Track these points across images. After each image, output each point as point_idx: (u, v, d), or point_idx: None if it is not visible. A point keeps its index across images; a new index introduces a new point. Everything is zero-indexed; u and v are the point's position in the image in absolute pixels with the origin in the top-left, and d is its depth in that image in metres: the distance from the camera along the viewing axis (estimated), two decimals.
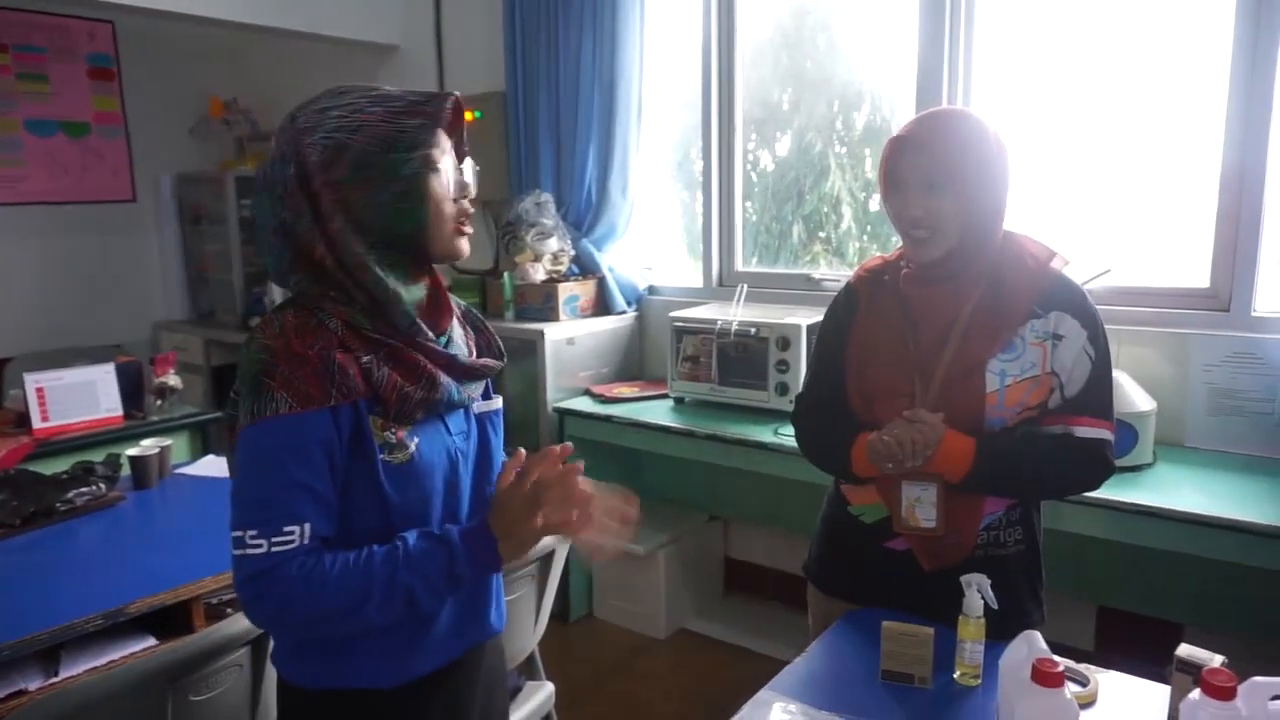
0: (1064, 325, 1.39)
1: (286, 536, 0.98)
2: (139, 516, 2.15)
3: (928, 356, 1.43)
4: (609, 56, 3.13)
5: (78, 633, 1.57)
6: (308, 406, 0.99)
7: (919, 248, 1.40)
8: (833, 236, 3.16)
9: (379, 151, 1.03)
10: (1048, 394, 1.41)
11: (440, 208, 1.07)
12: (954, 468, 1.37)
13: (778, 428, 2.60)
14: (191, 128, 5.01)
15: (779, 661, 2.89)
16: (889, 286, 1.50)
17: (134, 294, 4.90)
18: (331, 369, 1.02)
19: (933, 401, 1.40)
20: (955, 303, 1.42)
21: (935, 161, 1.36)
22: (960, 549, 1.44)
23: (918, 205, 1.37)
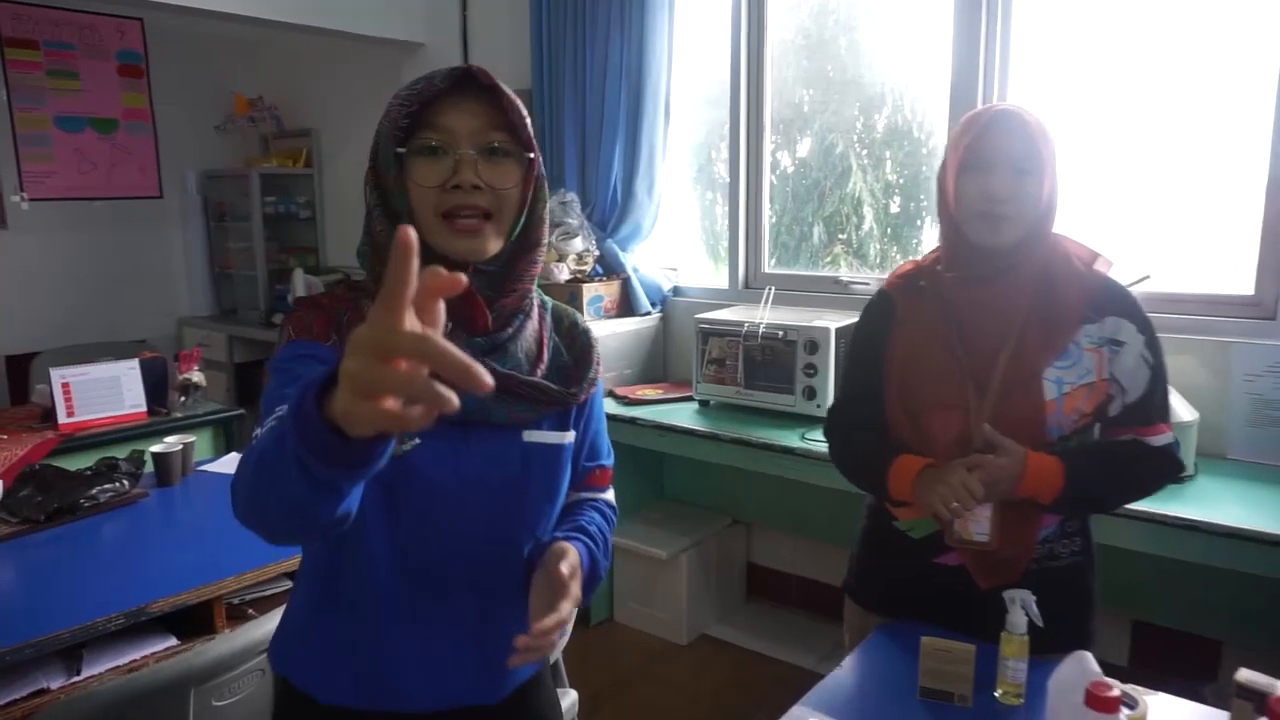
0: (1122, 331, 1.35)
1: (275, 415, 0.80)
2: (162, 514, 2.13)
3: (980, 365, 1.37)
4: (636, 55, 3.09)
5: (99, 632, 1.56)
6: (305, 335, 0.99)
7: (997, 227, 1.32)
8: (854, 238, 3.12)
9: (386, 136, 0.99)
10: (1102, 400, 1.36)
11: (420, 197, 0.98)
12: (1045, 490, 1.31)
13: (805, 432, 2.55)
14: (217, 125, 5.04)
15: (801, 669, 2.89)
16: (928, 292, 1.44)
17: (159, 290, 4.92)
18: (340, 318, 1.00)
19: (988, 413, 1.35)
20: (1007, 306, 1.36)
21: (1027, 145, 1.31)
22: (1017, 564, 1.38)
23: (1005, 186, 1.31)
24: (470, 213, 0.98)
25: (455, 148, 0.98)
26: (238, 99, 4.95)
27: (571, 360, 1.12)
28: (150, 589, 1.67)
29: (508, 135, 1.00)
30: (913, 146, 2.97)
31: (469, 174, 0.97)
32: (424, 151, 0.98)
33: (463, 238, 0.99)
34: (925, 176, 2.94)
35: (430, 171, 0.98)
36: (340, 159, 4.77)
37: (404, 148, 0.98)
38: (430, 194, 0.98)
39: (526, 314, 1.08)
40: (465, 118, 0.98)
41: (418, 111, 0.98)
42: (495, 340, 1.03)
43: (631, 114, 3.15)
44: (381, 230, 1.01)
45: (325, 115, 4.81)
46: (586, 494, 1.20)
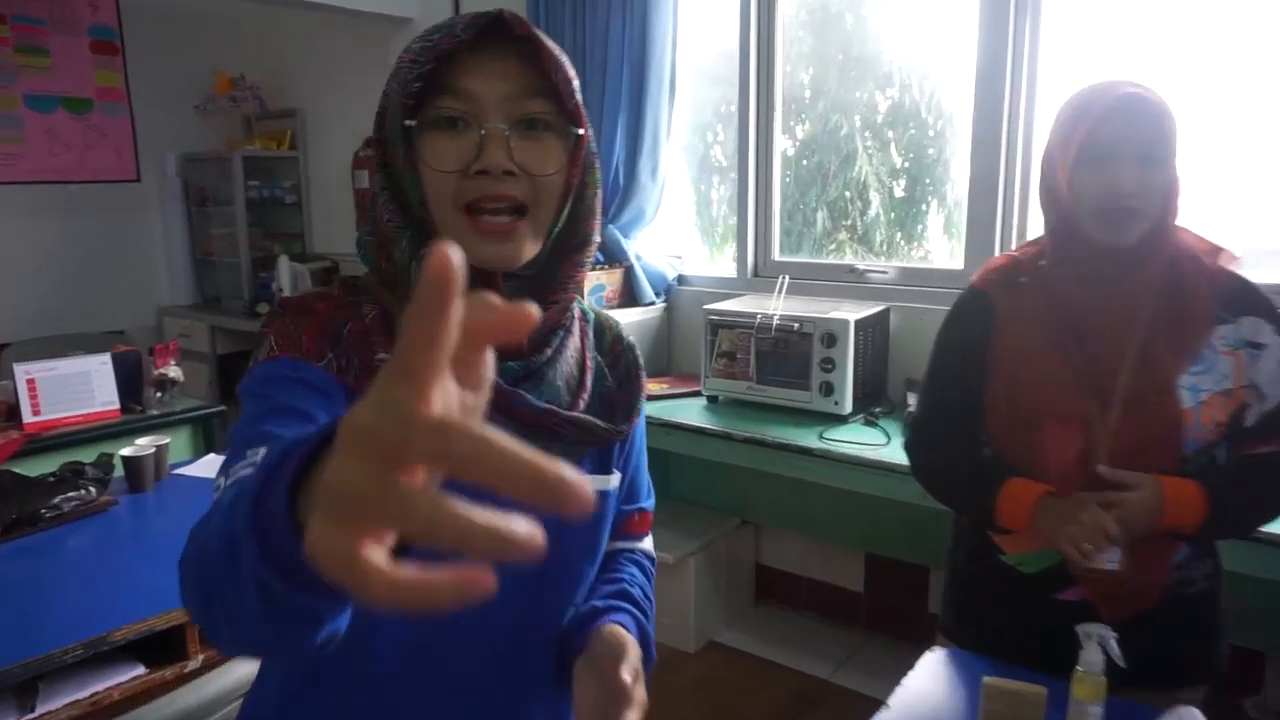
0: (1262, 333, 1.20)
1: (246, 461, 0.64)
2: (132, 523, 1.97)
3: (1101, 374, 1.21)
4: (639, 28, 2.91)
5: (55, 665, 1.40)
6: (290, 352, 0.77)
7: (1123, 224, 1.17)
8: (859, 224, 2.96)
9: (396, 102, 0.77)
10: (1237, 409, 1.21)
11: (433, 183, 0.76)
12: (1188, 521, 1.17)
13: (823, 431, 2.40)
14: (197, 105, 4.83)
15: (813, 678, 2.76)
16: (1032, 290, 1.28)
17: (137, 278, 4.72)
18: (338, 332, 0.79)
19: (1114, 426, 1.20)
20: (1131, 308, 1.20)
21: (1154, 131, 1.15)
22: (1150, 593, 1.24)
23: (1132, 180, 1.15)
24: (500, 205, 0.76)
25: (482, 120, 0.75)
26: (219, 78, 4.74)
27: (615, 384, 0.92)
28: (115, 612, 1.51)
29: (549, 104, 0.77)
30: (920, 128, 2.81)
31: (499, 155, 0.75)
32: (440, 124, 0.76)
33: (490, 241, 0.76)
34: (932, 159, 2.79)
35: (448, 151, 0.76)
36: (326, 141, 4.57)
37: (414, 119, 0.76)
38: (448, 180, 0.75)
39: (568, 330, 0.87)
40: (494, 80, 0.75)
41: (433, 71, 0.75)
42: (531, 366, 0.82)
43: (634, 92, 2.97)
44: (391, 221, 0.80)
45: (311, 95, 4.61)
46: (623, 543, 1.00)
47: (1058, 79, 2.44)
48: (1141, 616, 1.22)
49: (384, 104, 0.80)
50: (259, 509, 0.44)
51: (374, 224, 0.83)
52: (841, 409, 2.46)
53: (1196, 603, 1.27)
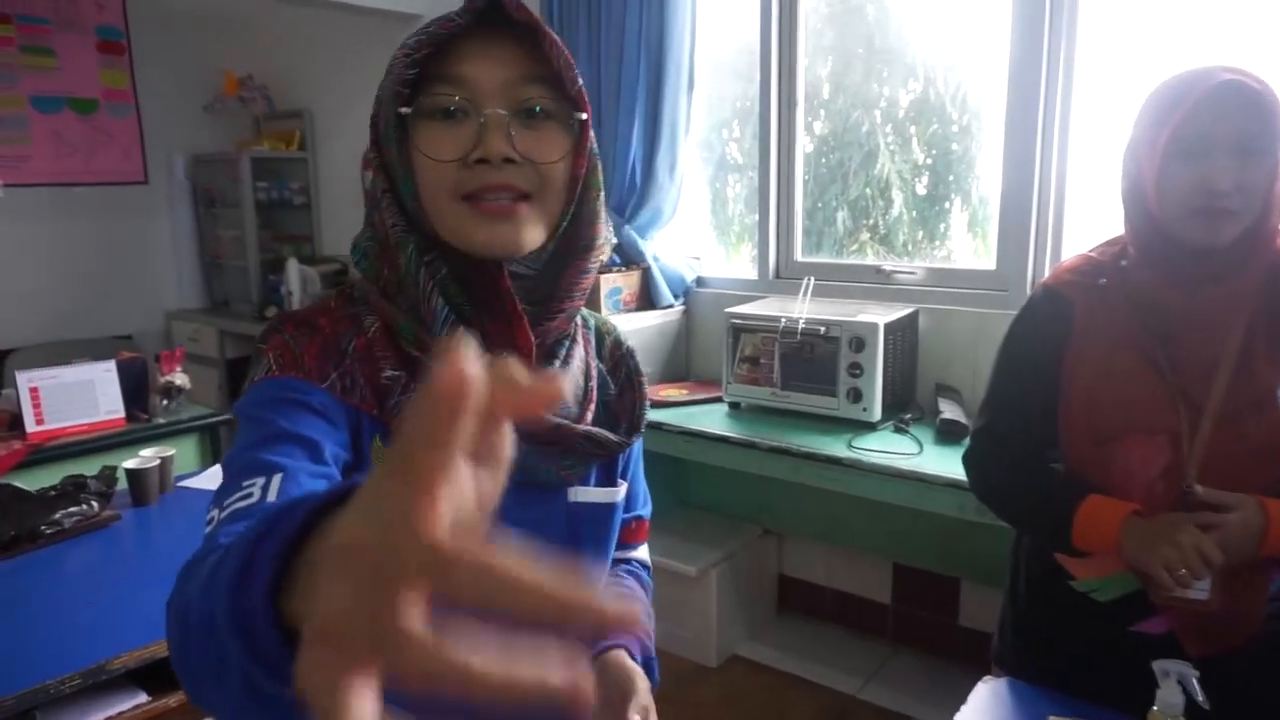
0: None
1: (242, 493, 0.62)
2: (135, 540, 1.89)
3: (1192, 383, 1.13)
4: (657, 20, 2.82)
5: (51, 695, 1.32)
6: (291, 372, 0.72)
7: (1216, 224, 1.07)
8: (881, 224, 2.86)
9: (390, 96, 0.74)
10: None
11: (428, 173, 0.73)
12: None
13: (852, 439, 2.31)
14: (205, 105, 4.76)
15: (844, 695, 2.66)
16: (1114, 292, 1.18)
17: (145, 281, 4.66)
18: (343, 347, 0.75)
19: (1206, 440, 1.11)
20: (1228, 314, 1.11)
21: (1255, 122, 1.05)
22: (1243, 626, 1.14)
23: (1228, 177, 1.05)
24: (502, 195, 0.73)
25: (480, 106, 0.72)
26: (227, 78, 4.66)
27: (616, 391, 0.90)
28: (116, 637, 1.44)
29: (549, 90, 0.74)
30: (944, 123, 2.71)
31: (500, 142, 0.71)
32: (436, 114, 0.72)
33: (492, 222, 0.73)
34: (956, 156, 2.69)
35: (446, 140, 0.72)
36: (336, 142, 4.49)
37: (409, 107, 0.72)
38: (446, 171, 0.72)
39: (574, 340, 0.84)
40: (492, 66, 0.72)
41: (428, 58, 0.71)
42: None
43: (651, 87, 2.88)
44: (395, 226, 0.75)
45: (319, 95, 4.53)
46: (618, 552, 0.97)
47: (1095, 72, 2.33)
48: (1231, 653, 1.12)
49: (378, 103, 0.76)
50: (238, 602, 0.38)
51: (374, 229, 0.79)
52: (870, 416, 2.37)
53: None
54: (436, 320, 0.74)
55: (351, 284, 0.83)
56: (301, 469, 0.65)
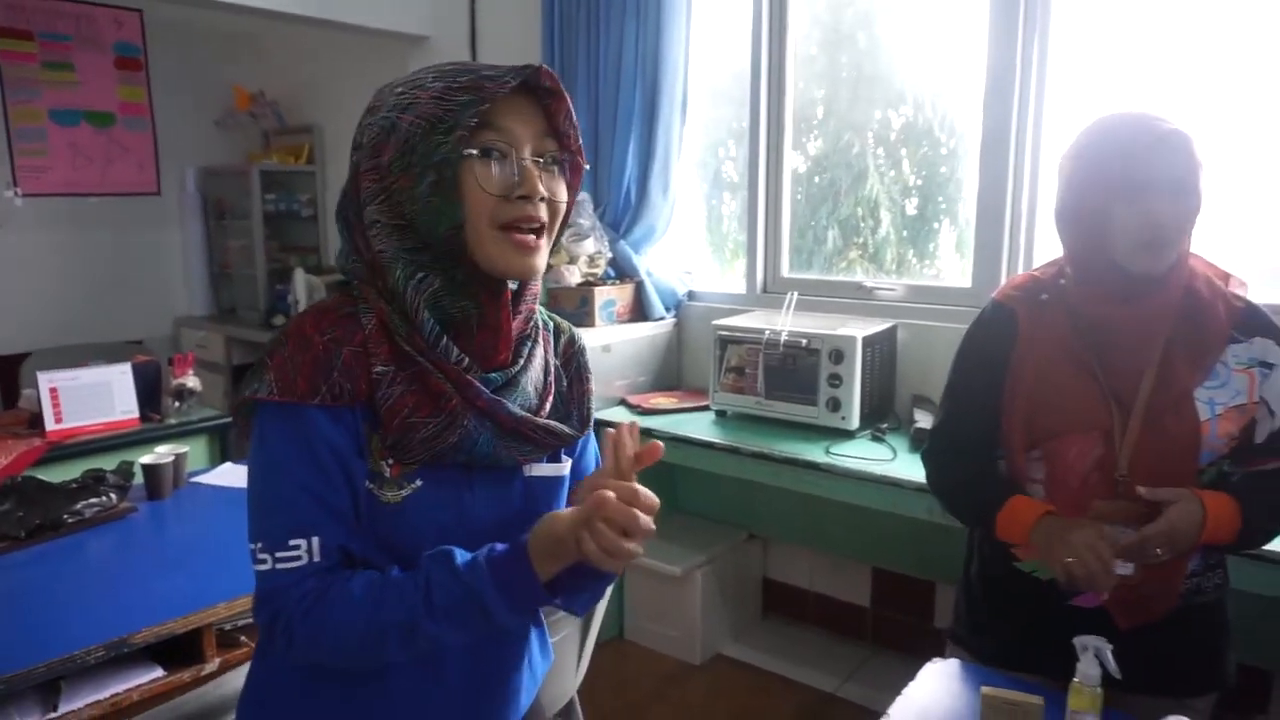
0: (1271, 353, 1.26)
1: (292, 553, 0.87)
2: (150, 530, 2.01)
3: (1122, 386, 1.26)
4: (653, 48, 2.97)
5: (78, 666, 1.44)
6: (288, 397, 0.87)
7: (1156, 253, 1.22)
8: (870, 242, 2.99)
9: (423, 133, 0.87)
10: (1248, 424, 1.26)
11: (478, 204, 0.88)
12: (1224, 534, 1.22)
13: (830, 446, 2.43)
14: (217, 120, 4.92)
15: (821, 693, 2.77)
16: (1054, 306, 1.33)
17: (156, 289, 4.80)
18: (332, 363, 0.88)
19: (1135, 435, 1.25)
20: (1151, 325, 1.25)
21: (1189, 165, 1.20)
22: (1165, 600, 1.28)
23: (1169, 213, 1.20)
24: (531, 225, 0.90)
25: (519, 152, 0.89)
26: (238, 93, 4.82)
27: (566, 383, 1.05)
28: (135, 616, 1.55)
29: (559, 144, 0.93)
30: (933, 146, 2.84)
31: (538, 182, 0.90)
32: (484, 153, 0.88)
33: (523, 254, 0.90)
34: (944, 178, 2.82)
35: (494, 177, 0.88)
36: (343, 155, 4.59)
37: (473, 149, 0.88)
38: (489, 201, 0.88)
39: (535, 339, 1.00)
40: (525, 122, 0.90)
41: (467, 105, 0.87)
42: (509, 375, 0.95)
43: (647, 111, 3.02)
44: (382, 252, 0.91)
45: (328, 111, 4.69)
46: None
47: (1065, 99, 2.47)
48: (1155, 623, 1.26)
49: (408, 135, 0.88)
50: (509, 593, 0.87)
51: (358, 254, 0.93)
52: (848, 424, 2.49)
53: (1208, 612, 1.32)
54: (425, 330, 0.90)
55: (354, 286, 0.95)
56: (329, 522, 0.89)
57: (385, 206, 0.90)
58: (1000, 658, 1.39)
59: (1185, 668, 1.31)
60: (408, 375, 0.89)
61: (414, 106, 0.88)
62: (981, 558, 1.44)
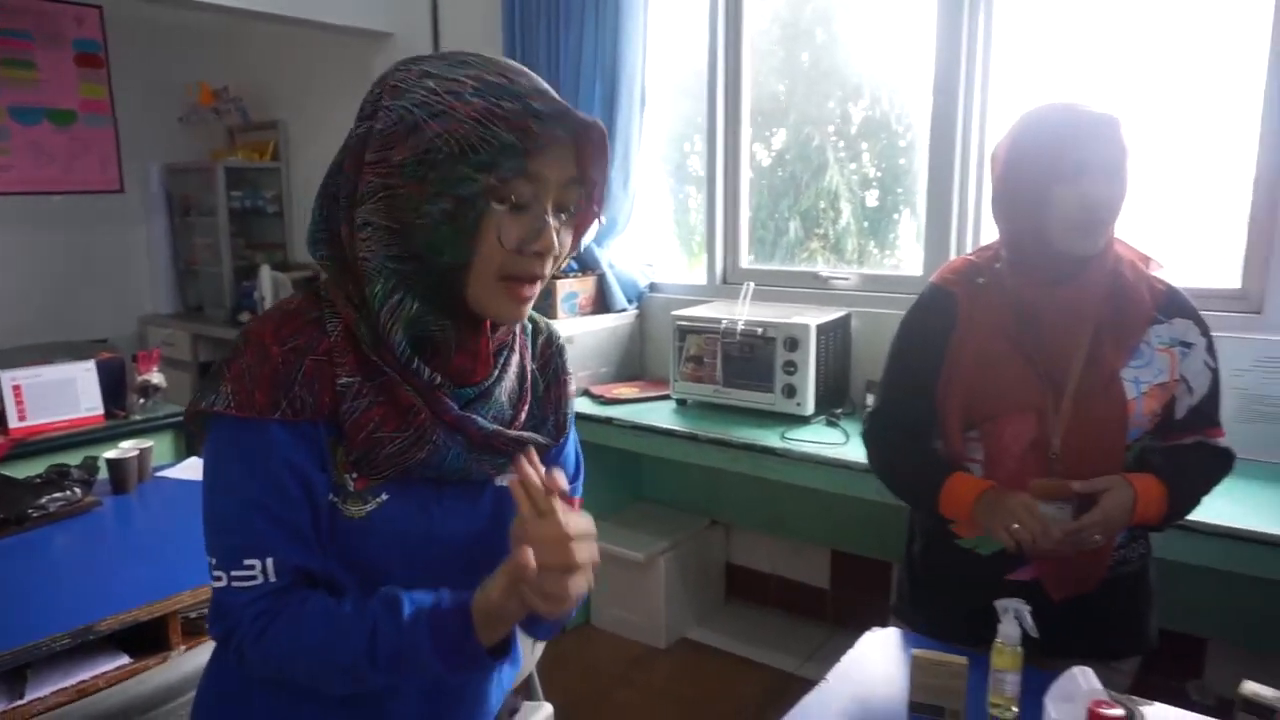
0: (1190, 333, 1.34)
1: (247, 572, 0.83)
2: (116, 523, 2.04)
3: (1054, 367, 1.32)
4: (611, 44, 3.02)
5: (44, 653, 1.47)
6: (245, 412, 0.82)
7: (1091, 234, 1.28)
8: (831, 233, 3.07)
9: (451, 152, 0.79)
10: (1169, 401, 1.34)
11: (490, 254, 0.81)
12: (1153, 514, 1.28)
13: (785, 431, 2.50)
14: (181, 117, 4.90)
15: (782, 672, 2.84)
16: (990, 290, 1.38)
17: (120, 287, 4.78)
18: (292, 375, 0.83)
19: (1067, 415, 1.31)
20: (1081, 307, 1.32)
21: (1121, 150, 1.26)
22: (1095, 572, 1.35)
23: (1103, 195, 1.26)
24: (534, 279, 0.85)
25: (543, 202, 0.82)
26: (202, 90, 4.80)
27: (544, 385, 1.00)
28: (101, 605, 1.58)
29: (582, 193, 0.86)
30: (891, 139, 2.91)
31: (554, 242, 0.83)
32: (506, 202, 0.81)
33: (518, 304, 0.85)
34: (904, 169, 2.89)
35: (514, 229, 0.81)
36: (308, 152, 4.65)
37: (501, 203, 0.81)
38: (502, 254, 0.81)
39: (512, 348, 0.95)
40: (559, 167, 0.82)
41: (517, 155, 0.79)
42: (481, 388, 0.90)
43: (606, 106, 3.07)
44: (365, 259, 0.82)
45: (293, 107, 4.69)
46: None
47: (1009, 91, 2.55)
48: (1085, 597, 1.34)
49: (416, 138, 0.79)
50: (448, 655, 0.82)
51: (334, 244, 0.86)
52: (804, 410, 2.56)
53: (1132, 581, 1.39)
54: (396, 350, 0.83)
55: (321, 285, 0.89)
56: (285, 541, 0.85)
57: (382, 206, 0.81)
58: (941, 632, 1.44)
59: (1112, 633, 1.39)
60: (374, 387, 0.84)
61: (446, 117, 0.79)
62: (923, 536, 1.51)
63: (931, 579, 1.50)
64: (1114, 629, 1.40)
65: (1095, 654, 1.33)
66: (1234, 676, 2.20)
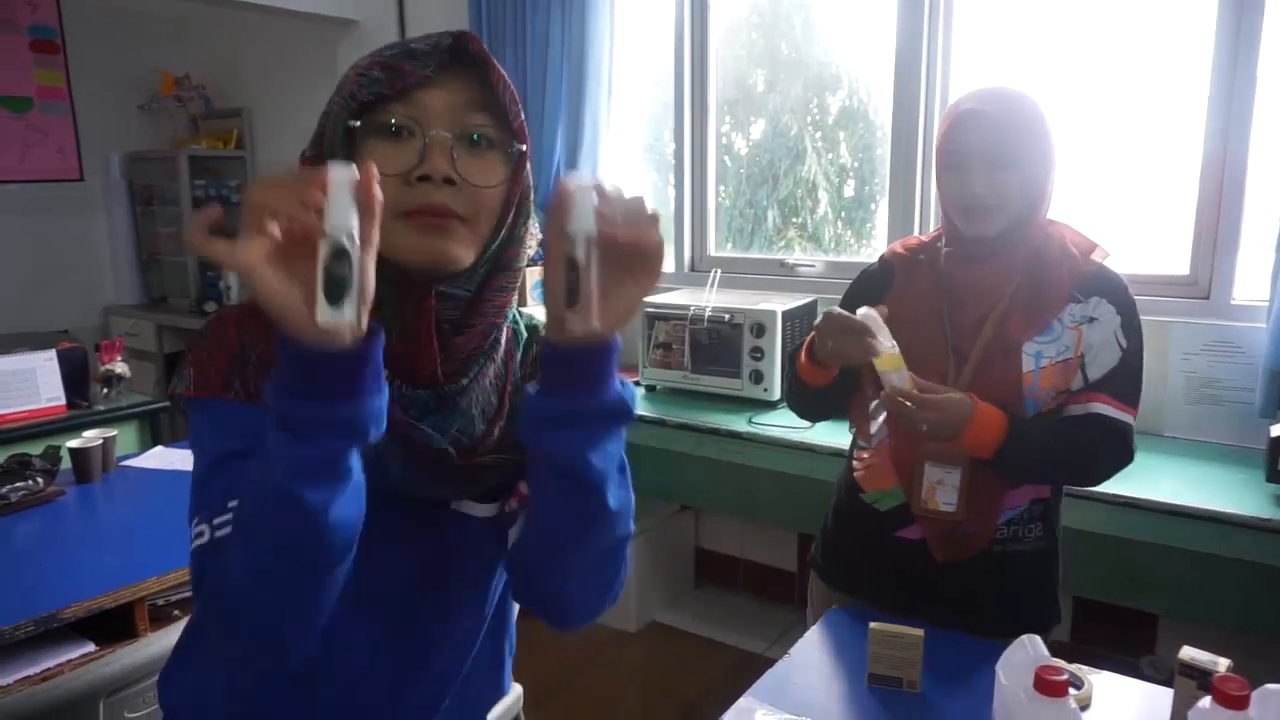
0: (1099, 309, 1.37)
1: (229, 515, 0.75)
2: (79, 513, 2.02)
3: (964, 337, 1.39)
4: (578, 31, 3.02)
5: (8, 640, 1.46)
6: (202, 391, 0.80)
7: (978, 219, 1.34)
8: (808, 222, 3.10)
9: (336, 114, 0.78)
10: (1072, 376, 1.37)
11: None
12: (986, 440, 1.31)
13: (752, 416, 2.53)
14: (142, 104, 4.82)
15: (751, 654, 2.89)
16: (926, 265, 1.45)
17: (82, 278, 4.70)
18: (246, 358, 0.80)
19: (966, 382, 1.36)
20: (997, 284, 1.38)
21: (1002, 139, 1.31)
22: (977, 539, 1.39)
23: (981, 183, 1.31)
24: (434, 211, 0.76)
25: (426, 128, 0.76)
26: (163, 77, 4.73)
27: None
28: (65, 593, 1.57)
29: (493, 120, 0.79)
30: (867, 128, 2.95)
31: (442, 162, 0.75)
32: (382, 131, 0.76)
33: (423, 234, 0.76)
34: (880, 158, 2.93)
35: (391, 157, 0.75)
36: (274, 140, 4.60)
37: (358, 120, 0.77)
38: (388, 186, 0.71)
39: (489, 356, 0.86)
40: (440, 92, 0.77)
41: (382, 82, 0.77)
42: (444, 393, 0.82)
43: (574, 93, 3.08)
44: None
45: (257, 95, 4.63)
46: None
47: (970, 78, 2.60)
48: (972, 563, 1.38)
49: (324, 120, 0.81)
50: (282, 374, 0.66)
51: None
52: (771, 395, 2.60)
53: (1024, 562, 1.42)
54: None
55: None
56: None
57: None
58: (840, 580, 1.55)
59: (994, 612, 1.42)
60: None
61: (341, 86, 0.80)
62: (839, 493, 1.58)
63: (838, 531, 1.57)
64: (996, 608, 1.42)
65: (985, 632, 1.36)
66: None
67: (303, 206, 0.61)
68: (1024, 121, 1.31)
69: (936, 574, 1.41)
